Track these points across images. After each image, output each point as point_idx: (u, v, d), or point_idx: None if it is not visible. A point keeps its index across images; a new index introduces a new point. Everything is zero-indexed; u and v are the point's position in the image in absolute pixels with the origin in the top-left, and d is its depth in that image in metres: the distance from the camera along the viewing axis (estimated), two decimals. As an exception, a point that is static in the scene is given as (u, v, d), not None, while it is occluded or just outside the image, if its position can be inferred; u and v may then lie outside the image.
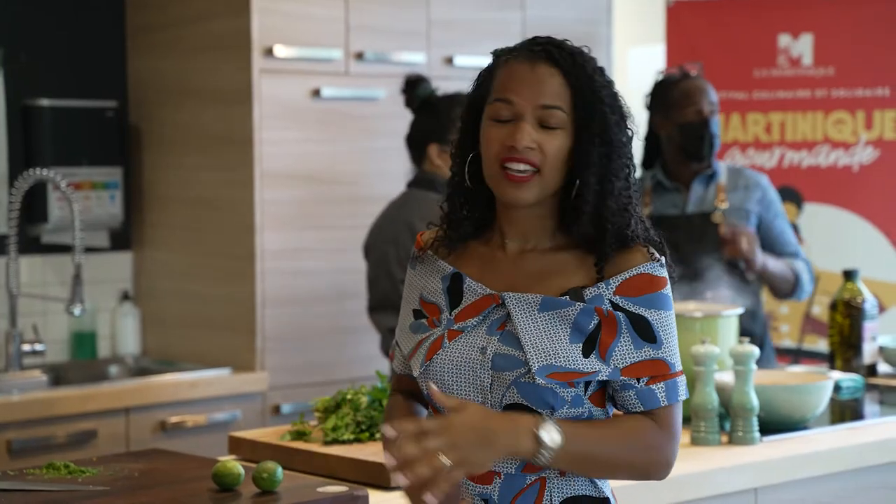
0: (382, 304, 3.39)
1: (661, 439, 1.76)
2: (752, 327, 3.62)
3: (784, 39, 4.80)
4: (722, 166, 3.75)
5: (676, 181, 3.73)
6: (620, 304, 1.75)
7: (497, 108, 1.77)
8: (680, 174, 3.73)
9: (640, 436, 1.74)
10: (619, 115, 1.78)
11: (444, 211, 1.86)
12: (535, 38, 1.80)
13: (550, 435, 1.68)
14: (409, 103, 3.46)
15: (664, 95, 3.74)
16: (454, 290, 1.81)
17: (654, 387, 1.75)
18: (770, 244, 3.73)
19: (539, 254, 1.80)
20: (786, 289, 3.70)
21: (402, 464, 1.64)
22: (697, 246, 3.60)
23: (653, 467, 1.76)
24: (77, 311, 3.60)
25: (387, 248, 3.37)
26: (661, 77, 3.82)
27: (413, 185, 3.45)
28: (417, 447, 1.64)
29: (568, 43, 1.80)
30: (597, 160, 1.75)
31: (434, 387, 1.72)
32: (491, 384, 1.75)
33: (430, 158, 3.40)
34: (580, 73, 1.75)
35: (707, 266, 3.55)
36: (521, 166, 1.75)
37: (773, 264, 3.64)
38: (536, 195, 1.76)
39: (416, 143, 3.43)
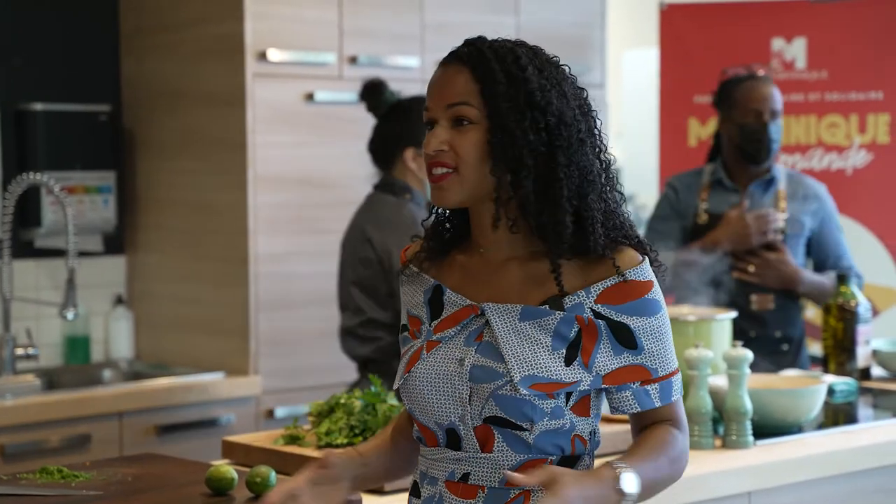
0: (341, 306, 3.40)
1: (685, 440, 1.79)
2: (790, 332, 3.61)
3: (777, 43, 4.81)
4: (781, 171, 3.73)
5: (735, 181, 3.72)
6: (602, 313, 1.73)
7: (425, 116, 1.79)
8: (738, 175, 3.71)
9: (675, 448, 1.76)
10: (525, 103, 1.72)
11: (424, 224, 1.86)
12: (464, 41, 1.79)
13: (629, 485, 1.67)
14: (374, 109, 3.39)
15: (728, 94, 3.73)
16: (435, 301, 1.80)
17: (648, 388, 1.75)
18: (823, 256, 3.71)
19: (519, 262, 1.78)
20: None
21: None
22: (753, 249, 3.61)
23: (682, 472, 1.79)
24: (70, 315, 3.60)
25: (343, 251, 3.38)
26: (726, 76, 3.82)
27: (377, 187, 3.41)
28: None
29: (488, 38, 1.77)
30: (500, 152, 1.72)
31: (511, 474, 1.65)
32: (470, 396, 1.74)
33: (404, 163, 3.33)
34: (485, 67, 1.73)
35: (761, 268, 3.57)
36: (439, 169, 1.75)
37: (811, 282, 3.62)
38: (460, 195, 1.74)
39: (388, 148, 3.37)
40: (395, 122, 3.34)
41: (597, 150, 1.77)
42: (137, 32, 4.13)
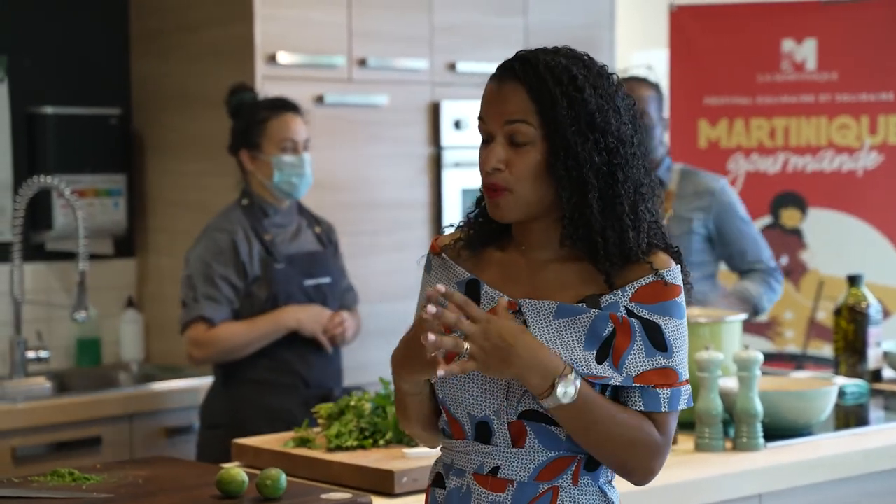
0: None
1: (659, 443, 1.77)
2: None
3: (788, 44, 4.80)
4: (676, 171, 3.66)
5: None
6: (635, 311, 1.76)
7: (480, 128, 1.81)
8: None
9: (644, 432, 1.75)
10: (587, 125, 1.74)
11: (468, 214, 1.88)
12: (516, 54, 1.80)
13: (566, 389, 1.69)
14: (229, 110, 3.47)
15: None
16: (471, 296, 1.82)
17: (659, 391, 1.76)
18: (728, 252, 3.61)
19: (556, 264, 1.81)
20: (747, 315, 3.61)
21: (436, 322, 1.68)
22: None
23: (639, 466, 1.77)
24: (81, 317, 3.61)
25: None
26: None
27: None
28: (456, 319, 1.68)
29: (544, 54, 1.77)
30: (564, 173, 1.74)
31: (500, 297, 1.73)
32: (507, 391, 1.76)
33: (243, 165, 3.40)
34: (541, 86, 1.74)
35: None
36: (494, 187, 1.77)
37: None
38: (515, 213, 1.78)
39: (232, 151, 3.44)
40: (235, 124, 3.42)
41: (644, 160, 1.80)
42: (147, 35, 4.14)
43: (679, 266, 1.79)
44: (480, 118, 1.79)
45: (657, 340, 1.75)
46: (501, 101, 1.77)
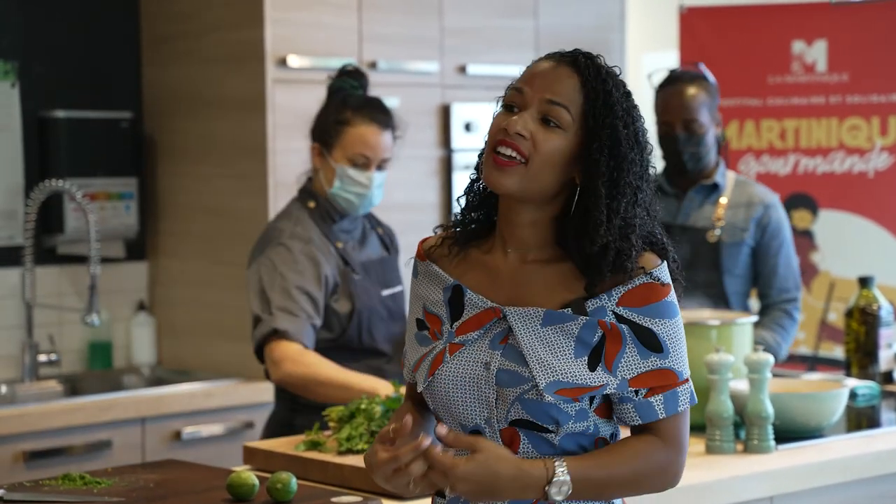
0: None
1: (669, 456, 1.75)
2: None
3: (798, 46, 4.79)
4: (730, 178, 3.54)
5: (675, 187, 3.53)
6: (625, 316, 1.73)
7: (510, 96, 1.76)
8: (677, 180, 3.53)
9: (649, 459, 1.74)
10: (632, 133, 1.73)
11: (456, 209, 1.85)
12: (575, 50, 1.78)
13: (560, 488, 1.68)
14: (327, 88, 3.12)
15: (655, 98, 3.54)
16: (455, 302, 1.80)
17: (651, 399, 1.73)
18: (764, 275, 3.48)
19: (540, 265, 1.78)
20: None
21: (396, 468, 1.66)
22: (688, 259, 3.36)
23: (661, 485, 1.77)
24: (93, 321, 3.62)
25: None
26: (659, 76, 3.64)
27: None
28: (421, 469, 1.67)
29: (601, 60, 1.77)
30: (605, 171, 1.72)
31: (442, 429, 1.68)
32: (496, 400, 1.74)
33: (313, 158, 3.04)
34: (598, 84, 1.73)
35: (695, 282, 3.26)
36: (509, 151, 1.72)
37: None
38: (518, 185, 1.72)
39: (310, 137, 3.06)
40: (321, 110, 3.06)
41: (646, 169, 1.77)
42: (158, 39, 4.15)
43: (665, 262, 1.76)
44: (517, 88, 1.75)
45: (651, 342, 1.73)
46: (553, 79, 1.73)
